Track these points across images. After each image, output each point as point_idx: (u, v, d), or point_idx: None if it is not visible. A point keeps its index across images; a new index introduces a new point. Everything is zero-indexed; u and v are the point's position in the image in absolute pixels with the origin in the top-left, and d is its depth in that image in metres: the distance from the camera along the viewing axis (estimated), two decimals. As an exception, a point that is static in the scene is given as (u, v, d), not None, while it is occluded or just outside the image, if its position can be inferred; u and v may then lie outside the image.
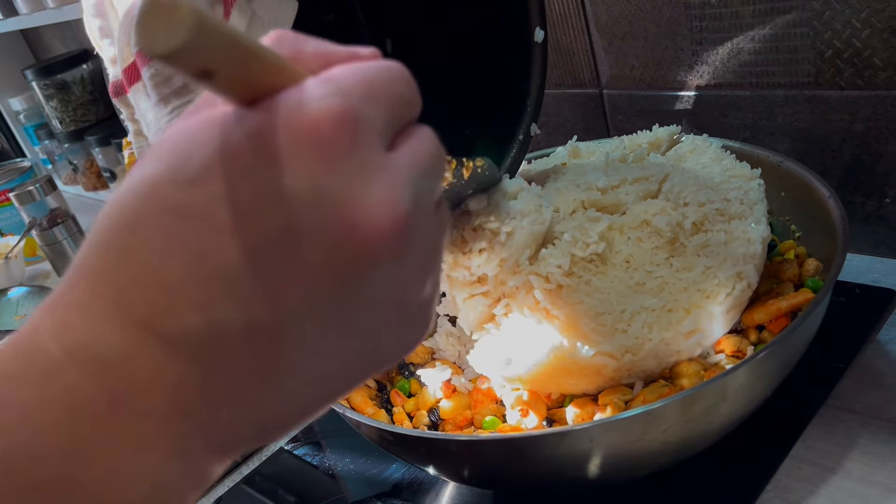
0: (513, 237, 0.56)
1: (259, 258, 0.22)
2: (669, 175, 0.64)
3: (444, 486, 0.64)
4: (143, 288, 0.22)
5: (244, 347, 0.23)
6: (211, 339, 0.22)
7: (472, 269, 0.57)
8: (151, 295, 0.22)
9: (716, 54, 0.76)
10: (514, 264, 0.56)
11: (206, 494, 0.74)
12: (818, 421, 0.58)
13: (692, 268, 0.56)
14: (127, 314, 0.22)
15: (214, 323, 0.22)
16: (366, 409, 0.61)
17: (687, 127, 0.82)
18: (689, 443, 0.50)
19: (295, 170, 0.22)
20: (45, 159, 1.92)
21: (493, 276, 0.57)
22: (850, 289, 0.69)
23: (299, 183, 0.22)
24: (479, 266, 0.56)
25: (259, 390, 0.24)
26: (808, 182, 0.62)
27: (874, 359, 0.62)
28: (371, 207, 0.23)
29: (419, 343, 0.28)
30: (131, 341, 0.22)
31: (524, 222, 0.56)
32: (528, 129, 0.65)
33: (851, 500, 0.52)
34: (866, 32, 0.65)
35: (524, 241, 0.56)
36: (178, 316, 0.22)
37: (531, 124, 0.65)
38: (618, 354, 0.51)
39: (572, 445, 0.47)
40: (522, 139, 0.64)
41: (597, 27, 0.84)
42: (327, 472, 0.71)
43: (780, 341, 0.49)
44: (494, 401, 0.60)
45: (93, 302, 0.22)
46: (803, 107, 0.72)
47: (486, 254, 0.56)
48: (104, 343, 0.22)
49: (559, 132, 0.95)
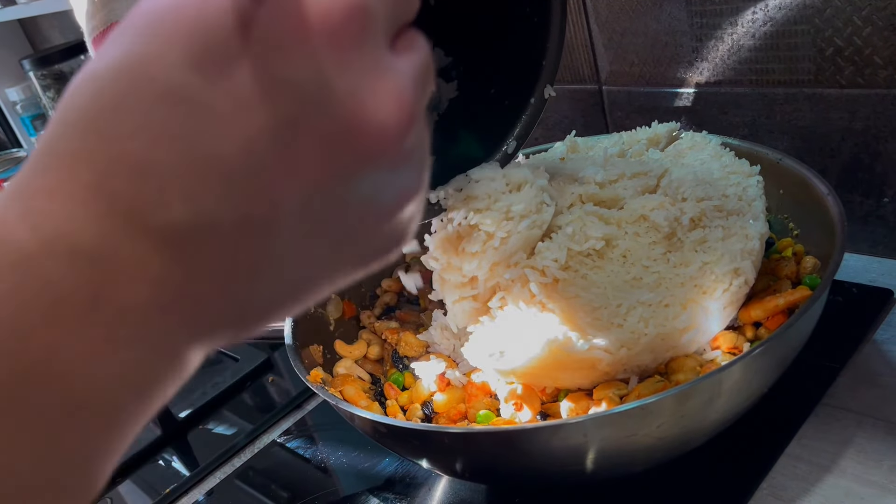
0: (507, 242, 0.55)
1: (257, 150, 0.21)
2: (668, 170, 0.63)
3: (437, 480, 0.63)
4: (128, 175, 0.20)
5: (232, 243, 0.22)
6: (199, 233, 0.21)
7: (464, 270, 0.57)
8: (138, 183, 0.20)
9: (716, 51, 0.76)
10: (505, 266, 0.56)
11: (197, 484, 0.74)
12: (814, 419, 0.58)
13: (689, 263, 0.55)
14: (110, 203, 0.20)
15: (204, 215, 0.21)
16: (359, 402, 0.61)
17: (686, 124, 0.82)
18: (684, 439, 0.50)
19: (301, 59, 0.21)
20: (41, 150, 1.91)
21: (483, 279, 0.56)
22: (847, 288, 0.69)
23: (305, 74, 0.21)
24: (471, 270, 0.56)
25: (243, 287, 0.23)
26: (806, 179, 0.62)
27: (871, 358, 0.62)
28: (379, 106, 0.22)
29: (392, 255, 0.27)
30: (114, 232, 0.20)
31: (521, 226, 0.55)
32: (542, 91, 0.61)
33: (846, 498, 0.51)
34: (867, 30, 0.65)
35: (519, 245, 0.56)
36: (166, 207, 0.20)
37: (546, 86, 0.61)
38: (613, 349, 0.51)
39: (566, 439, 0.46)
40: (535, 102, 0.61)
41: (597, 22, 0.84)
42: (319, 465, 0.71)
43: (776, 338, 0.48)
44: (488, 394, 0.60)
45: (71, 188, 0.20)
46: (803, 105, 0.72)
47: (478, 258, 0.56)
48: (84, 233, 0.20)
49: (558, 128, 0.94)
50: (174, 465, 0.77)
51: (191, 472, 0.75)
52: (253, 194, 0.21)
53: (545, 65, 0.60)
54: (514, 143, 0.61)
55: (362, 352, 0.68)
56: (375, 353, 0.69)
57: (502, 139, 0.62)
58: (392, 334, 0.68)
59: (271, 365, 0.87)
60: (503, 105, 0.62)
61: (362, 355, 0.68)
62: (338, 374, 0.65)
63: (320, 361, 0.66)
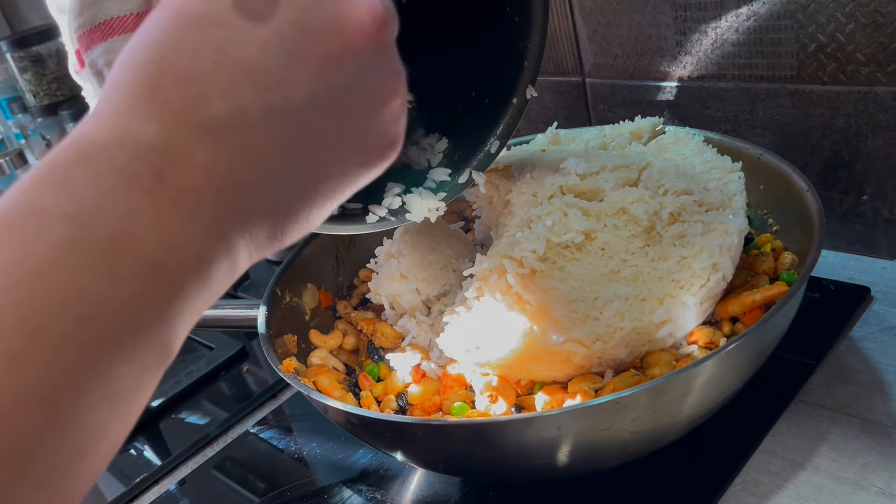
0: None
1: (271, 50, 0.27)
2: (650, 164, 0.63)
3: (411, 472, 0.63)
4: (175, 85, 0.27)
5: (261, 130, 0.27)
6: (234, 123, 0.27)
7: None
8: (183, 89, 0.26)
9: (699, 45, 0.75)
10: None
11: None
12: (788, 416, 0.58)
13: (668, 257, 0.55)
14: (163, 107, 0.26)
15: (237, 108, 0.27)
16: (333, 393, 0.60)
17: (668, 118, 0.81)
18: (658, 433, 0.49)
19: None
20: (17, 133, 1.88)
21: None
22: (825, 285, 0.69)
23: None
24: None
25: (272, 171, 0.28)
26: (786, 175, 0.61)
27: (847, 355, 0.62)
28: (359, 7, 0.29)
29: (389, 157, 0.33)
30: (169, 128, 0.26)
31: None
32: (524, 91, 0.61)
33: (819, 495, 0.51)
34: (850, 27, 0.64)
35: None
36: (207, 105, 0.26)
37: (528, 86, 0.61)
38: (588, 342, 0.50)
39: (539, 432, 0.46)
40: (517, 102, 0.61)
41: (581, 14, 0.83)
42: (293, 456, 0.70)
43: (751, 333, 0.48)
44: (464, 386, 0.59)
45: (132, 104, 0.27)
46: (785, 100, 0.72)
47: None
48: (146, 131, 0.26)
49: (540, 121, 0.94)
50: (146, 453, 0.76)
51: (162, 461, 0.74)
52: (271, 86, 0.27)
53: (526, 66, 0.60)
54: (496, 142, 0.61)
55: (337, 342, 0.67)
56: (351, 344, 0.68)
57: (485, 140, 0.61)
58: (368, 325, 0.68)
59: (246, 354, 0.86)
60: (484, 105, 0.62)
61: (337, 346, 0.68)
62: (312, 365, 0.65)
63: (294, 351, 0.65)
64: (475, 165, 0.60)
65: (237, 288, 0.97)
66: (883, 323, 0.64)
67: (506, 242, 0.56)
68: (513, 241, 0.56)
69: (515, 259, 0.54)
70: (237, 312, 0.68)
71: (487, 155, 0.61)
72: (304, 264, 0.72)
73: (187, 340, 0.97)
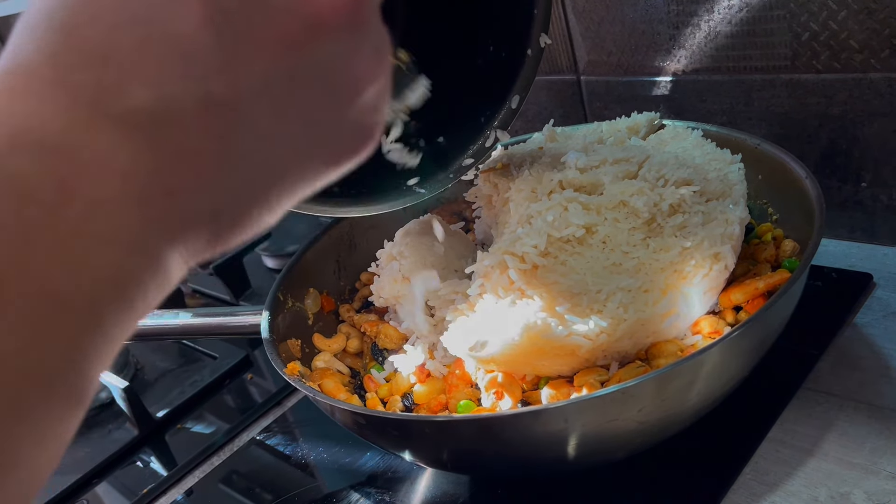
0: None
1: (215, 28, 0.21)
2: (650, 156, 0.63)
3: (420, 473, 0.62)
4: (89, 65, 0.21)
5: (198, 126, 0.22)
6: (163, 117, 0.21)
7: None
8: (99, 72, 0.21)
9: (693, 38, 0.75)
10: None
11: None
12: (796, 403, 0.58)
13: (669, 248, 0.55)
14: (72, 95, 0.20)
15: (167, 99, 0.21)
16: (338, 395, 0.60)
17: (665, 113, 0.81)
18: (666, 423, 0.49)
19: None
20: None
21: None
22: (827, 273, 0.69)
23: None
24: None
25: (212, 174, 0.23)
26: (785, 164, 0.61)
27: (851, 342, 0.62)
28: None
29: (362, 152, 0.27)
30: (78, 123, 0.20)
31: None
32: (538, 40, 0.60)
33: (828, 481, 0.51)
34: (842, 14, 0.65)
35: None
36: (129, 93, 0.21)
37: (540, 34, 0.60)
38: (592, 335, 0.50)
39: (546, 425, 0.46)
40: (533, 52, 0.60)
41: (574, 12, 0.83)
42: (300, 462, 0.70)
43: (755, 320, 0.48)
44: (469, 384, 0.59)
45: (34, 85, 0.21)
46: (780, 91, 0.72)
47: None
48: (49, 127, 0.20)
49: (537, 119, 0.94)
50: (152, 465, 0.76)
51: (169, 472, 0.73)
52: (213, 72, 0.21)
53: (536, 14, 0.60)
54: (516, 97, 0.60)
55: (341, 345, 0.67)
56: (355, 347, 0.68)
57: (504, 97, 0.61)
58: (371, 327, 0.68)
59: (250, 363, 0.86)
60: (501, 63, 0.61)
61: (341, 349, 0.67)
62: (316, 368, 0.64)
63: (298, 356, 0.65)
64: (498, 124, 0.60)
65: (239, 297, 0.97)
66: (886, 309, 0.64)
67: (507, 239, 0.56)
68: (514, 237, 0.56)
69: (517, 255, 0.54)
70: (240, 319, 0.67)
71: (510, 111, 0.61)
72: (306, 269, 0.72)
73: (190, 350, 0.96)
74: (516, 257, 0.54)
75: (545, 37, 0.60)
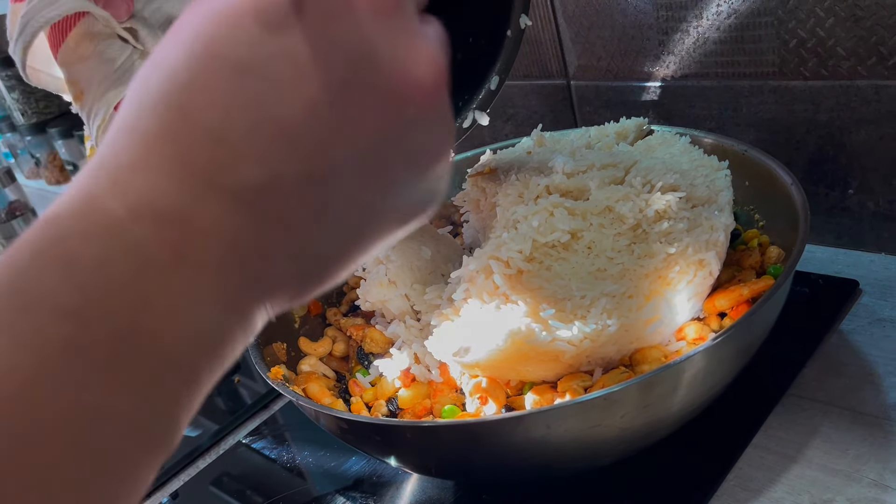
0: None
1: (318, 112, 0.24)
2: (637, 162, 0.63)
3: (405, 478, 0.62)
4: (204, 144, 0.23)
5: (297, 199, 0.24)
6: (269, 192, 0.23)
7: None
8: (213, 150, 0.23)
9: (682, 44, 0.76)
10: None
11: (158, 487, 0.72)
12: (780, 410, 0.58)
13: (654, 255, 0.55)
14: (188, 170, 0.23)
15: (273, 176, 0.23)
16: (323, 399, 0.60)
17: (653, 118, 0.82)
18: (649, 429, 0.49)
19: (349, 27, 0.24)
20: (6, 153, 1.88)
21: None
22: (813, 279, 0.69)
23: (353, 39, 0.24)
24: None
25: (303, 241, 0.25)
26: (771, 170, 0.62)
27: (837, 349, 0.62)
28: (418, 66, 0.25)
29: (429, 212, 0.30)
30: (192, 196, 0.23)
31: None
32: (517, 21, 0.59)
33: (812, 487, 0.51)
34: (830, 21, 0.65)
35: None
36: (240, 170, 0.23)
37: (521, 15, 0.59)
38: (576, 341, 0.50)
39: (528, 431, 0.46)
40: (513, 34, 0.59)
41: (564, 17, 0.83)
42: (286, 465, 0.70)
43: (739, 326, 0.48)
44: (454, 389, 0.59)
45: (153, 161, 0.23)
46: (768, 97, 0.72)
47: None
48: (166, 199, 0.22)
49: (527, 124, 0.94)
50: (138, 468, 0.76)
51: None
52: (315, 151, 0.24)
53: (514, 2, 0.59)
54: (496, 78, 0.60)
55: (327, 349, 0.67)
56: (341, 351, 0.68)
57: (484, 78, 0.61)
58: (357, 331, 0.67)
59: (238, 366, 0.86)
60: (480, 44, 0.61)
61: (327, 353, 0.67)
62: (302, 372, 0.64)
63: (284, 359, 0.65)
64: (477, 105, 0.60)
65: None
66: (872, 315, 0.64)
67: (492, 243, 0.56)
68: (499, 242, 0.55)
69: (502, 260, 0.54)
70: (226, 322, 0.67)
71: (489, 92, 0.60)
72: (293, 272, 0.71)
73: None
74: (501, 262, 0.54)
75: (525, 18, 0.59)
